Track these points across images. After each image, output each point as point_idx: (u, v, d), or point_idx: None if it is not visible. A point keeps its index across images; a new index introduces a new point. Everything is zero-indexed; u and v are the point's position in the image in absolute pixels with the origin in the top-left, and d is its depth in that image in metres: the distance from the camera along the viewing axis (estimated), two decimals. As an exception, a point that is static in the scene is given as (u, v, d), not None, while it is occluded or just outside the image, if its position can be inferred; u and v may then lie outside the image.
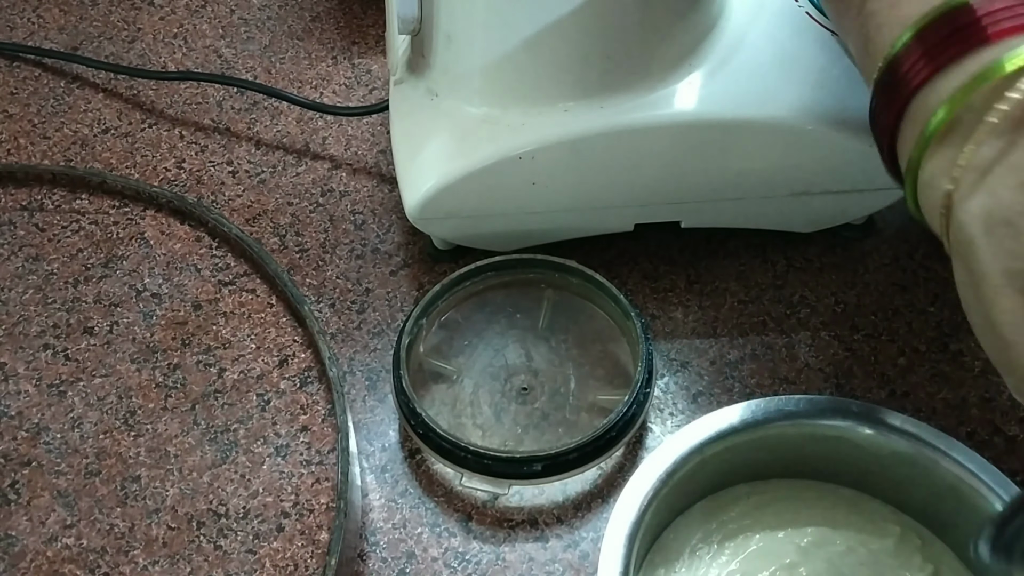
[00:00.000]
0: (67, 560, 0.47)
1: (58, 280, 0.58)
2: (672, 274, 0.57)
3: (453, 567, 0.46)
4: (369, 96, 0.68)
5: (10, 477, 0.50)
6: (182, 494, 0.49)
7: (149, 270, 0.58)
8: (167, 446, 0.51)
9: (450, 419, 0.50)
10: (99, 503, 0.49)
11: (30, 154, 0.65)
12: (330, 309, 0.56)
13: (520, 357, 0.53)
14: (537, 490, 0.49)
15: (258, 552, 0.47)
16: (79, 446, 0.51)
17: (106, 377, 0.54)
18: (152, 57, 0.71)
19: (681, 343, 0.54)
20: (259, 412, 0.52)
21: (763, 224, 0.56)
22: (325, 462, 0.50)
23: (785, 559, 0.42)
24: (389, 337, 0.55)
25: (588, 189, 0.53)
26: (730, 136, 0.50)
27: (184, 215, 0.61)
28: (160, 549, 0.47)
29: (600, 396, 0.51)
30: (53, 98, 0.69)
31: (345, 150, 0.65)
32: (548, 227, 0.55)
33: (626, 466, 0.50)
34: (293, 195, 0.62)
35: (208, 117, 0.67)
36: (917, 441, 0.41)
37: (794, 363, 0.53)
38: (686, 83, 0.51)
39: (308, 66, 0.70)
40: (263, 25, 0.73)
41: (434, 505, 0.48)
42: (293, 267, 0.58)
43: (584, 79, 0.50)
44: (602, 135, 0.50)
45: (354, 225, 0.60)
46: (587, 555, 0.47)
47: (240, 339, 0.55)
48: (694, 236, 0.58)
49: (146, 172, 0.64)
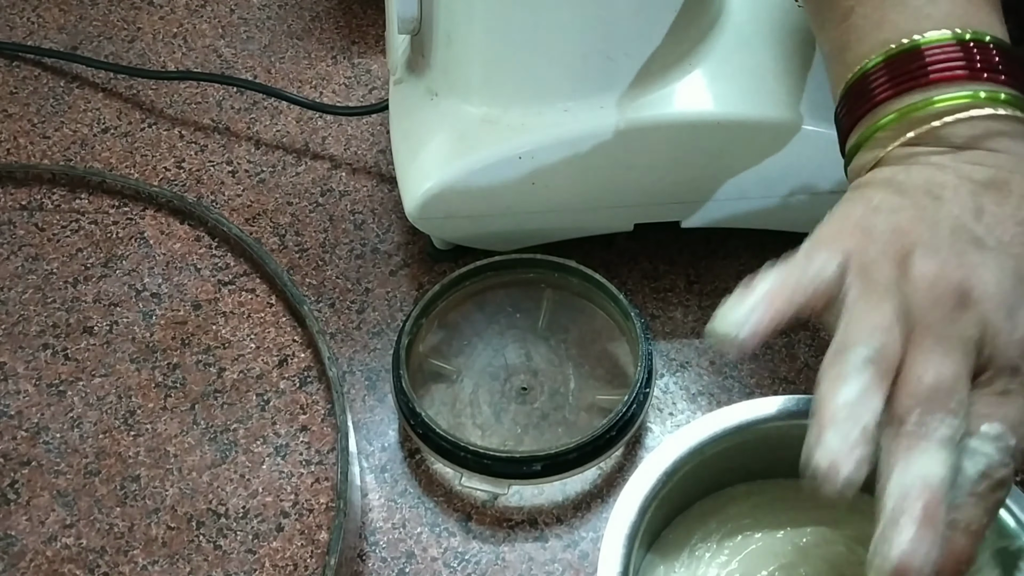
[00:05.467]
0: (67, 560, 0.47)
1: (58, 280, 0.58)
2: (672, 274, 0.57)
3: (453, 567, 0.46)
4: (369, 96, 0.68)
5: (10, 477, 0.50)
6: (182, 494, 0.49)
7: (149, 270, 0.58)
8: (167, 446, 0.51)
9: (450, 419, 0.50)
10: (99, 503, 0.49)
11: (30, 154, 0.65)
12: (330, 309, 0.56)
13: (520, 357, 0.53)
14: (537, 490, 0.49)
15: (258, 552, 0.47)
16: (79, 446, 0.51)
17: (106, 377, 0.54)
18: (152, 57, 0.71)
19: (681, 343, 0.54)
20: (259, 412, 0.52)
21: (763, 224, 0.56)
22: (325, 462, 0.50)
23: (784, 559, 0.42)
24: (389, 337, 0.55)
25: (588, 189, 0.53)
26: (730, 136, 0.50)
27: (184, 215, 0.61)
28: (160, 549, 0.47)
29: (600, 396, 0.51)
30: (53, 98, 0.69)
31: (345, 150, 0.65)
32: (548, 227, 0.55)
33: (626, 466, 0.50)
34: (293, 195, 0.62)
35: (208, 117, 0.67)
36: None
37: (794, 363, 0.53)
38: (686, 83, 0.51)
39: (308, 66, 0.70)
40: (263, 25, 0.73)
41: (434, 505, 0.48)
42: (293, 267, 0.58)
43: (584, 79, 0.50)
44: (602, 135, 0.50)
45: (354, 225, 0.60)
46: (587, 555, 0.47)
47: (240, 339, 0.55)
48: (694, 236, 0.58)
49: (146, 172, 0.64)
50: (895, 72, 0.36)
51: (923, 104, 0.35)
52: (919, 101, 0.35)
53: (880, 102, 0.36)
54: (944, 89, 0.35)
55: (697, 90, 0.51)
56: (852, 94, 0.37)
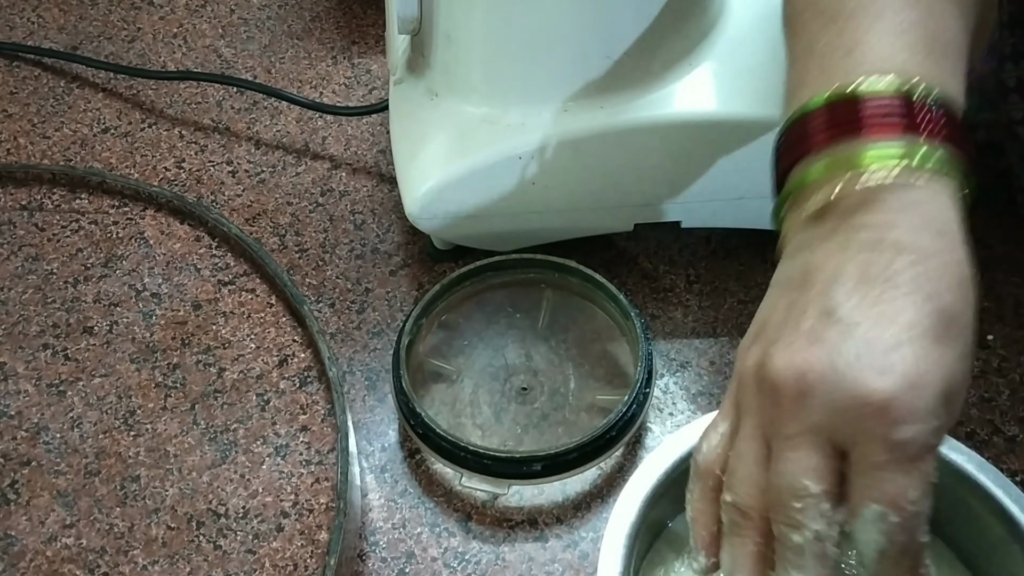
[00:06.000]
0: (67, 560, 0.47)
1: (58, 280, 0.58)
2: (672, 274, 0.57)
3: (453, 567, 0.46)
4: (369, 96, 0.68)
5: (10, 477, 0.50)
6: (182, 494, 0.49)
7: (149, 270, 0.58)
8: (167, 446, 0.51)
9: (450, 419, 0.50)
10: (99, 503, 0.49)
11: (30, 154, 0.65)
12: (330, 309, 0.56)
13: (520, 357, 0.53)
14: (537, 490, 0.49)
15: (258, 552, 0.47)
16: (79, 446, 0.51)
17: (106, 377, 0.54)
18: (152, 57, 0.71)
19: (681, 343, 0.54)
20: (259, 412, 0.52)
21: (763, 224, 0.56)
22: (325, 462, 0.50)
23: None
24: (389, 337, 0.55)
25: (588, 189, 0.53)
26: (730, 136, 0.50)
27: (184, 215, 0.61)
28: (160, 549, 0.47)
29: (600, 396, 0.51)
30: (53, 98, 0.69)
31: (345, 150, 0.65)
32: (548, 227, 0.55)
33: (626, 466, 0.50)
34: (293, 195, 0.62)
35: (208, 117, 0.67)
36: (917, 441, 0.41)
37: (794, 363, 0.53)
38: (686, 83, 0.51)
39: (308, 66, 0.70)
40: (263, 25, 0.74)
41: (434, 505, 0.48)
42: (293, 267, 0.58)
43: (584, 79, 0.50)
44: (602, 135, 0.50)
45: (354, 225, 0.60)
46: (587, 555, 0.47)
47: (240, 339, 0.55)
48: (694, 236, 0.58)
49: (146, 172, 0.64)
50: (834, 118, 0.34)
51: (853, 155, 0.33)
52: (850, 153, 0.33)
53: (814, 146, 0.34)
54: (876, 141, 0.33)
55: (697, 90, 0.51)
56: (791, 134, 0.36)
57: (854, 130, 0.33)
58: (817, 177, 0.34)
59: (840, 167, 0.33)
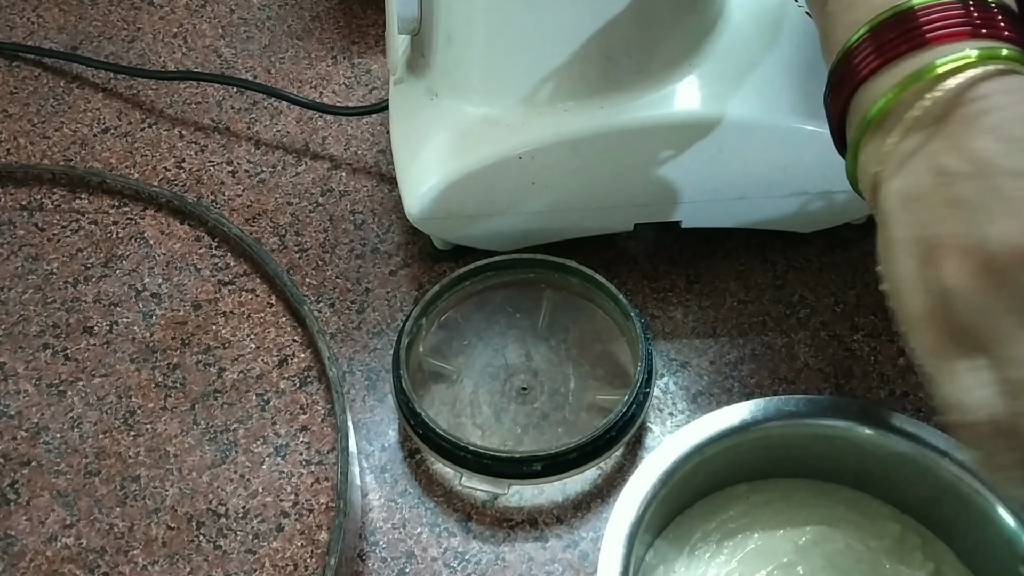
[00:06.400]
0: (67, 560, 0.47)
1: (58, 280, 0.58)
2: (672, 274, 0.57)
3: (453, 567, 0.46)
4: (369, 96, 0.68)
5: (10, 477, 0.50)
6: (182, 494, 0.49)
7: (149, 270, 0.58)
8: (167, 446, 0.51)
9: (450, 419, 0.50)
10: (99, 503, 0.49)
11: (30, 154, 0.65)
12: (330, 309, 0.56)
13: (520, 357, 0.53)
14: (537, 490, 0.49)
15: (258, 552, 0.47)
16: (79, 446, 0.51)
17: (106, 377, 0.54)
18: (152, 57, 0.71)
19: (681, 343, 0.54)
20: (259, 412, 0.52)
21: (763, 224, 0.56)
22: (325, 462, 0.50)
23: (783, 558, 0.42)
24: (389, 337, 0.55)
25: (588, 189, 0.53)
26: (729, 136, 0.50)
27: (184, 215, 0.61)
28: (160, 549, 0.47)
29: (600, 396, 0.51)
30: (53, 98, 0.69)
31: (345, 150, 0.65)
32: (548, 227, 0.55)
33: (626, 466, 0.50)
34: (293, 195, 0.62)
35: (208, 117, 0.67)
36: (917, 441, 0.41)
37: (794, 363, 0.53)
38: (686, 83, 0.51)
39: (308, 66, 0.70)
40: (263, 25, 0.73)
41: (434, 505, 0.48)
42: (293, 267, 0.58)
43: (584, 79, 0.50)
44: (602, 135, 0.50)
45: (354, 225, 0.60)
46: (587, 555, 0.47)
47: (240, 339, 0.55)
48: (694, 236, 0.58)
49: (146, 172, 0.64)
50: (881, 40, 0.33)
51: (924, 71, 0.32)
52: (918, 69, 0.32)
53: (865, 76, 0.34)
54: (944, 51, 0.32)
55: (697, 90, 0.51)
56: (835, 77, 0.35)
57: (921, 42, 0.33)
58: (896, 96, 0.33)
59: (919, 78, 0.32)
